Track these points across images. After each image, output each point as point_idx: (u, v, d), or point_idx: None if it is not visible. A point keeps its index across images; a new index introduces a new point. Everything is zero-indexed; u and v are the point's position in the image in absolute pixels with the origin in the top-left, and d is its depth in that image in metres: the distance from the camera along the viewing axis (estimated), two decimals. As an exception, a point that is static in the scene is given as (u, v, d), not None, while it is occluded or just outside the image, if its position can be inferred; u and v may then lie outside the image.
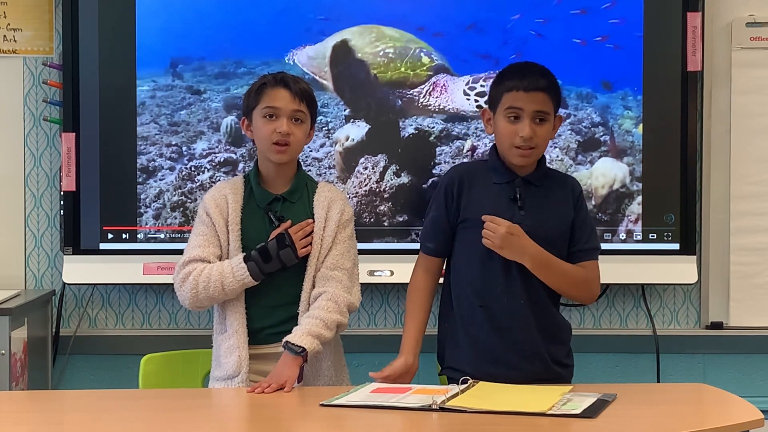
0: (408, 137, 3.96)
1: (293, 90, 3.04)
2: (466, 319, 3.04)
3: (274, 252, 2.99)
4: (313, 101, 3.11)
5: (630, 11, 3.94)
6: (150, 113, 3.94)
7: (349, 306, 3.02)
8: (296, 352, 2.89)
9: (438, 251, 3.10)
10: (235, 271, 2.99)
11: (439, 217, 3.08)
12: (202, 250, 3.05)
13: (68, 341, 4.02)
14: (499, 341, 2.99)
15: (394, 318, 4.03)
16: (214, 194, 3.12)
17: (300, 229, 3.02)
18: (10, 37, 4.03)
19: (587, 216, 3.11)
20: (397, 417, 2.58)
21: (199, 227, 3.10)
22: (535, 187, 3.03)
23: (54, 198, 4.04)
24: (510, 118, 2.97)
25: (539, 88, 2.97)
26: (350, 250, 3.07)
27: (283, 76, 3.07)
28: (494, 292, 3.00)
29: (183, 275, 3.04)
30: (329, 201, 3.08)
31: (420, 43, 3.95)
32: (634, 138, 3.96)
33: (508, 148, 2.99)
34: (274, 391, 2.83)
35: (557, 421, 2.50)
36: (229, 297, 3.02)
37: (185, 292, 3.04)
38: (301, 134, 3.06)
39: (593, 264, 3.07)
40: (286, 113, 3.03)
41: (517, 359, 2.98)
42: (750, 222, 4.03)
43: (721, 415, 2.64)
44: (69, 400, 2.98)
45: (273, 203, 3.08)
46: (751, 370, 4.11)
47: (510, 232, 2.94)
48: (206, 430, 2.58)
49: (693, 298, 4.11)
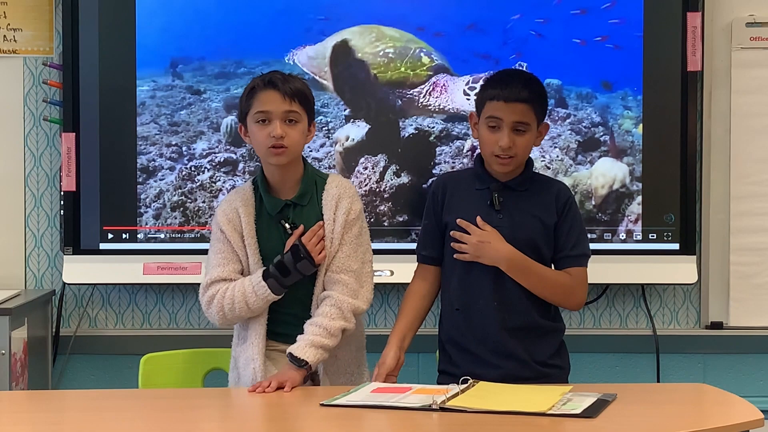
0: (408, 137, 3.96)
1: (282, 90, 2.95)
2: (450, 323, 3.08)
3: (291, 265, 2.94)
4: (307, 98, 3.00)
5: (630, 11, 3.94)
6: (150, 113, 3.94)
7: (355, 310, 2.98)
8: (299, 365, 2.89)
9: (432, 259, 3.12)
10: (257, 289, 2.94)
11: (430, 224, 3.12)
12: (222, 269, 3.00)
13: (68, 341, 4.01)
14: (477, 342, 3.02)
15: (394, 318, 4.01)
16: (225, 209, 3.05)
17: (313, 235, 2.96)
18: (10, 37, 4.03)
19: (576, 222, 3.08)
20: (397, 417, 2.58)
21: (216, 245, 3.04)
22: (515, 192, 3.04)
23: (54, 198, 4.04)
24: (490, 126, 2.99)
25: (520, 99, 2.96)
26: (357, 250, 3.01)
27: (271, 77, 2.98)
28: (470, 295, 3.03)
29: (208, 298, 3.01)
30: (337, 199, 3.01)
31: (420, 43, 3.95)
32: (634, 138, 3.96)
33: (489, 156, 3.02)
34: (275, 390, 2.83)
35: (557, 421, 2.50)
36: (257, 313, 2.99)
37: (213, 314, 3.01)
38: (296, 134, 2.98)
39: (579, 270, 3.06)
40: (278, 116, 2.95)
41: (496, 359, 2.99)
42: (750, 222, 4.03)
43: (722, 415, 2.64)
44: (69, 400, 2.98)
45: (284, 210, 3.02)
46: (751, 370, 4.11)
47: (480, 240, 2.97)
48: (206, 430, 2.58)
49: (693, 298, 4.11)
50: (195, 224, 3.94)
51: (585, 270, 3.07)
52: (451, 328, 3.07)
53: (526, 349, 3.01)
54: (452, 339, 3.07)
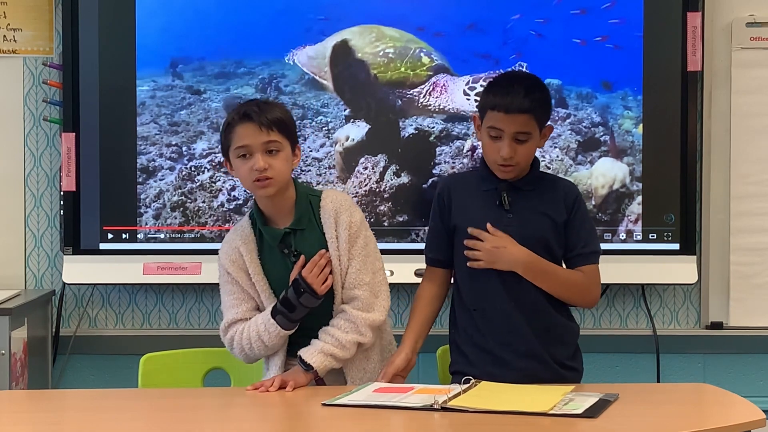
0: (408, 137, 3.96)
1: (259, 122, 2.87)
2: (465, 323, 3.05)
3: (295, 301, 2.91)
4: (286, 125, 2.92)
5: (630, 11, 3.94)
6: (150, 113, 3.94)
7: (371, 324, 2.94)
8: (306, 369, 2.89)
9: (440, 261, 3.12)
10: (268, 327, 2.92)
11: (436, 227, 3.11)
12: (236, 310, 2.99)
13: (68, 341, 4.02)
14: (495, 343, 3.00)
15: (394, 318, 4.02)
16: (227, 250, 3.02)
17: (314, 266, 2.92)
18: (10, 37, 4.02)
19: (585, 219, 3.08)
20: (399, 417, 2.58)
21: (226, 287, 3.02)
22: (523, 191, 3.03)
23: (54, 198, 4.04)
24: (492, 136, 2.97)
25: (521, 110, 2.93)
26: (366, 261, 2.98)
27: (246, 110, 2.90)
28: (485, 296, 3.01)
29: (228, 340, 3.01)
30: (335, 215, 2.96)
31: (420, 43, 3.95)
32: (634, 138, 3.96)
33: (491, 163, 3.01)
34: (276, 390, 2.83)
35: (559, 421, 2.49)
36: (277, 349, 2.97)
37: (237, 354, 3.01)
38: (280, 164, 2.90)
39: (592, 268, 3.05)
40: (258, 148, 2.87)
41: (515, 359, 2.98)
42: (750, 222, 4.03)
43: (723, 415, 2.64)
44: (69, 400, 2.98)
45: (285, 238, 2.97)
46: (751, 370, 4.11)
47: (495, 246, 2.96)
48: (206, 430, 2.58)
49: (693, 298, 4.11)
50: (195, 224, 3.94)
51: (597, 267, 3.06)
52: (469, 329, 3.03)
53: (546, 350, 3.00)
54: (471, 340, 3.03)
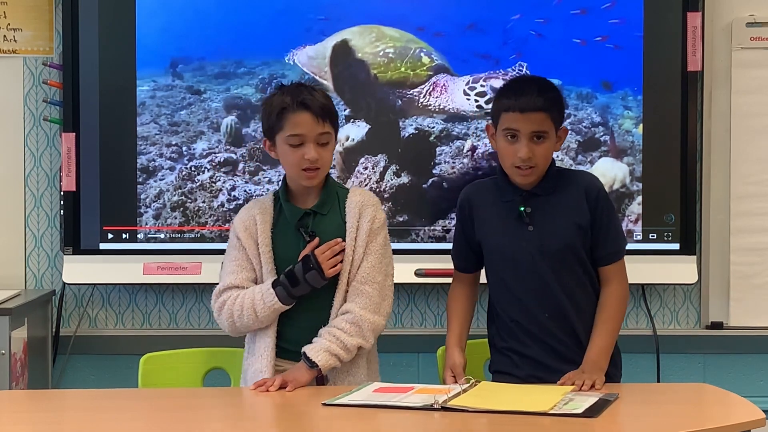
0: (408, 137, 3.96)
1: (315, 112, 2.90)
2: (503, 330, 3.06)
3: (301, 275, 2.90)
4: (335, 115, 2.97)
5: (630, 11, 3.94)
6: (150, 113, 3.94)
7: (375, 329, 2.94)
8: (311, 366, 2.88)
9: (466, 268, 3.13)
10: (265, 297, 2.92)
11: (461, 237, 3.12)
12: (235, 276, 2.99)
13: (68, 341, 4.01)
14: (538, 349, 3.00)
15: (394, 318, 4.02)
16: (243, 216, 3.03)
17: (328, 249, 2.92)
18: (10, 37, 4.02)
19: (609, 215, 3.03)
20: (399, 416, 2.58)
21: (231, 252, 3.02)
22: (543, 198, 2.99)
23: (54, 198, 4.04)
24: (508, 138, 2.95)
25: (536, 108, 2.92)
26: (382, 261, 2.97)
27: (303, 99, 2.91)
28: (520, 310, 3.01)
29: (219, 304, 2.99)
30: (360, 207, 2.97)
31: (420, 43, 3.95)
32: (634, 138, 3.96)
33: (509, 168, 2.98)
34: (277, 389, 2.82)
35: (559, 421, 2.50)
36: (265, 324, 2.96)
37: (223, 321, 3.00)
38: (328, 155, 2.95)
39: (618, 267, 3.03)
40: (312, 139, 2.90)
41: (558, 363, 2.96)
42: (750, 222, 4.03)
43: (723, 415, 2.64)
44: (69, 400, 2.98)
45: (304, 218, 2.98)
46: (751, 370, 4.11)
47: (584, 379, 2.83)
48: (206, 430, 2.57)
49: (693, 298, 4.11)
50: (195, 224, 3.94)
51: (623, 263, 3.05)
52: (509, 338, 3.03)
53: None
54: (513, 348, 3.03)
